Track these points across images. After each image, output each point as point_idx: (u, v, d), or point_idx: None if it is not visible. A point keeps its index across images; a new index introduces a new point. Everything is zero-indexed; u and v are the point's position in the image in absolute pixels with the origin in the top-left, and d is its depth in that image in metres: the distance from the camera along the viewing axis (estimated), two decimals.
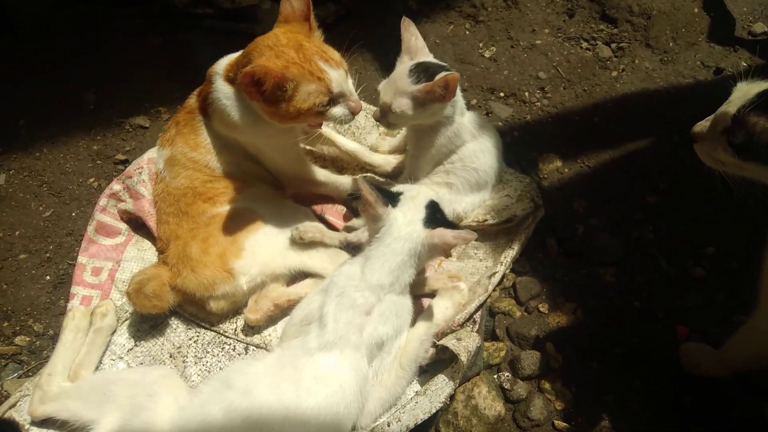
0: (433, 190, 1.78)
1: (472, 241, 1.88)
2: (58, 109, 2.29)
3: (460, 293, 1.70)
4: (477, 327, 1.67)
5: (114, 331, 1.72)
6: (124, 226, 1.94)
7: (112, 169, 2.17)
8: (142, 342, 1.73)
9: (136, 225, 1.95)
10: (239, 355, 1.72)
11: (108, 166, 2.18)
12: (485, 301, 1.74)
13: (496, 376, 1.70)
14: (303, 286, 1.74)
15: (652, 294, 1.82)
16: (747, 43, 2.45)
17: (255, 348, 1.72)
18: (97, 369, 1.65)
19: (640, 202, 2.03)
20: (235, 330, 1.75)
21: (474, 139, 1.81)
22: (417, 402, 1.50)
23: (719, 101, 1.28)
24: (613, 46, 2.47)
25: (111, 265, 1.87)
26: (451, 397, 1.57)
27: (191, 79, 1.87)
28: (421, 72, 1.64)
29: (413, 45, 1.68)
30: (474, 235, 1.46)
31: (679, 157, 2.11)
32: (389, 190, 1.57)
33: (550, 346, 1.73)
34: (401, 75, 1.65)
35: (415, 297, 1.63)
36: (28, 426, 1.54)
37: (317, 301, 1.50)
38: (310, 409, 1.32)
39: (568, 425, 1.60)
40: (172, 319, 1.77)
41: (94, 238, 1.89)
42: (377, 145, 2.09)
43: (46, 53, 2.46)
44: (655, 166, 2.11)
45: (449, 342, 1.55)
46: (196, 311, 1.76)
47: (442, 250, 1.52)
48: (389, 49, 2.50)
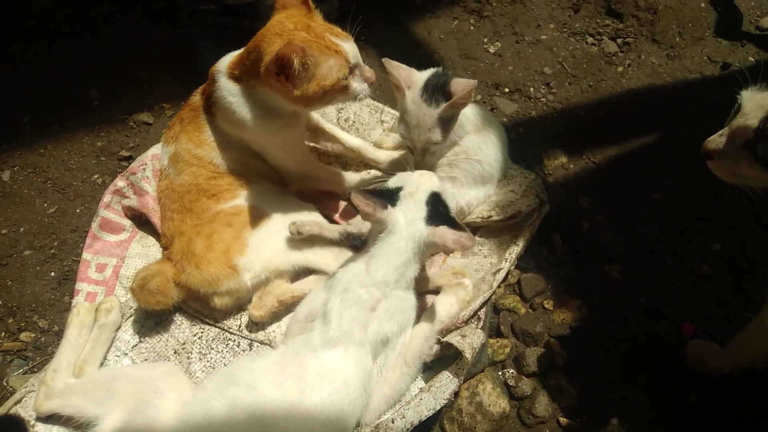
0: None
1: (477, 238, 1.89)
2: (61, 106, 2.29)
3: (465, 290, 1.69)
4: (481, 324, 1.67)
5: (118, 328, 1.73)
6: (128, 223, 1.94)
7: (116, 166, 2.17)
8: (147, 338, 1.73)
9: (141, 221, 1.95)
10: (243, 351, 1.72)
11: (112, 163, 2.18)
12: (490, 297, 1.73)
13: (500, 373, 1.69)
14: (307, 283, 1.74)
15: (658, 291, 1.81)
16: (754, 38, 2.43)
17: (259, 344, 1.72)
18: (101, 365, 1.65)
19: (646, 198, 2.01)
20: (240, 326, 1.76)
21: (477, 131, 1.80)
22: (421, 399, 1.50)
23: (726, 97, 1.27)
24: (619, 41, 2.46)
25: (115, 261, 1.87)
26: (456, 393, 1.57)
27: (195, 75, 1.86)
28: (431, 94, 1.63)
29: (405, 76, 1.66)
30: (473, 243, 1.45)
31: (685, 153, 2.10)
32: (387, 188, 1.55)
33: (554, 343, 1.72)
34: (420, 110, 1.63)
35: (420, 294, 1.63)
36: (33, 422, 1.55)
37: (321, 298, 1.50)
38: (314, 405, 1.32)
39: (573, 422, 1.60)
40: (177, 315, 1.77)
41: (98, 235, 1.89)
42: (381, 142, 2.08)
43: (49, 50, 2.46)
44: (661, 162, 2.09)
45: (454, 339, 1.55)
46: (200, 307, 1.76)
47: (441, 249, 1.51)
48: (393, 44, 2.50)
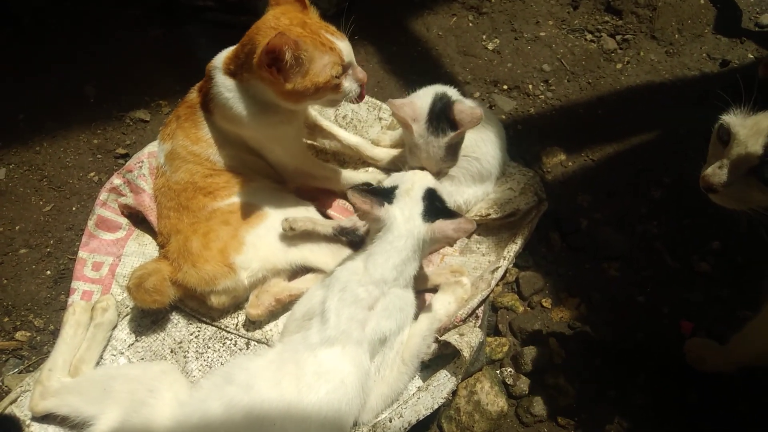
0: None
1: (475, 236, 1.88)
2: (58, 103, 2.28)
3: (463, 288, 1.68)
4: (480, 322, 1.66)
5: (115, 326, 1.72)
6: (124, 221, 1.93)
7: (112, 163, 2.16)
8: (143, 337, 1.72)
9: (137, 219, 1.94)
10: (240, 350, 1.71)
11: (108, 160, 2.17)
12: (488, 296, 1.72)
13: (498, 372, 1.69)
14: (305, 281, 1.73)
15: (657, 289, 1.81)
16: (754, 35, 2.42)
17: (256, 343, 1.72)
18: (97, 364, 1.64)
19: (645, 196, 2.01)
20: (237, 325, 1.75)
21: (475, 130, 1.79)
22: (419, 397, 1.50)
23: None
24: (618, 38, 2.45)
25: (112, 259, 1.86)
26: (454, 392, 1.56)
27: (192, 72, 1.85)
28: (437, 124, 1.65)
29: (410, 112, 1.66)
30: (473, 224, 1.46)
31: (685, 151, 2.09)
32: (383, 188, 1.55)
33: (553, 342, 1.71)
34: (429, 143, 1.66)
35: (418, 292, 1.62)
36: (29, 421, 1.54)
37: (319, 296, 1.49)
38: (312, 404, 1.31)
39: (571, 421, 1.59)
40: (173, 314, 1.76)
41: (94, 233, 1.88)
42: (379, 139, 2.07)
43: (45, 47, 2.45)
44: (660, 159, 2.08)
45: (452, 337, 1.54)
46: (197, 306, 1.75)
47: (444, 243, 1.51)
48: (392, 41, 2.49)
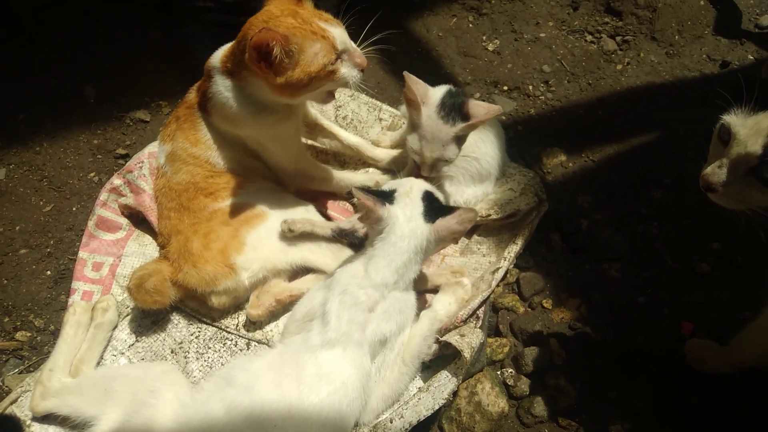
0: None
1: (476, 237, 1.88)
2: (58, 103, 2.28)
3: (464, 289, 1.68)
4: (480, 323, 1.66)
5: (115, 327, 1.71)
6: (124, 221, 1.93)
7: (112, 164, 2.16)
8: (144, 337, 1.72)
9: (137, 220, 1.94)
10: (241, 350, 1.71)
11: (108, 161, 2.17)
12: (489, 296, 1.72)
13: (499, 373, 1.69)
14: (305, 282, 1.73)
15: (657, 290, 1.81)
16: (754, 36, 2.42)
17: (257, 343, 1.72)
18: (98, 364, 1.64)
19: (645, 196, 2.01)
20: (237, 325, 1.75)
21: (475, 130, 1.79)
22: (420, 398, 1.50)
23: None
24: (618, 39, 2.45)
25: (112, 260, 1.86)
26: (454, 393, 1.56)
27: (192, 72, 1.85)
28: (448, 112, 1.62)
29: (422, 91, 1.64)
30: (474, 211, 1.45)
31: (685, 152, 2.09)
32: (382, 190, 1.55)
33: (554, 342, 1.71)
34: (436, 126, 1.62)
35: (418, 293, 1.62)
36: (29, 422, 1.54)
37: (319, 298, 1.49)
38: (313, 406, 1.31)
39: (572, 422, 1.59)
40: (174, 314, 1.76)
41: (94, 233, 1.88)
42: (379, 140, 2.07)
43: (45, 47, 2.44)
44: (660, 160, 2.09)
45: (452, 338, 1.54)
46: (197, 306, 1.75)
47: (451, 239, 1.50)
48: (392, 42, 2.47)
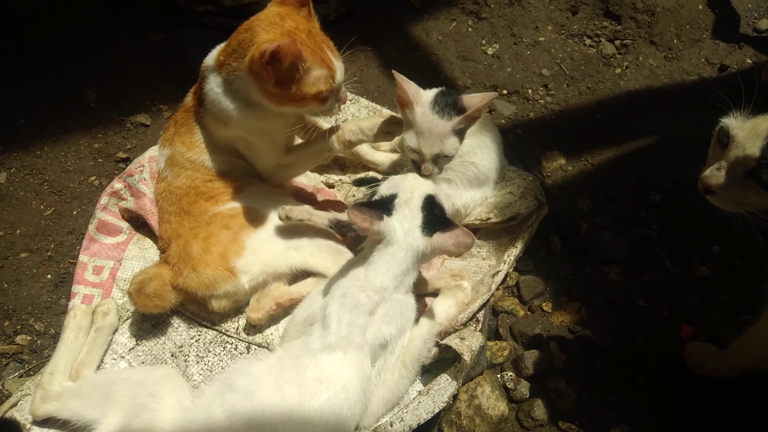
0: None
1: (475, 240, 1.88)
2: (58, 107, 2.29)
3: (463, 292, 1.69)
4: (480, 326, 1.67)
5: (115, 330, 1.72)
6: (125, 225, 1.94)
7: (113, 168, 2.16)
8: (144, 341, 1.72)
9: (138, 223, 1.94)
10: (241, 354, 1.71)
11: (109, 165, 2.17)
12: (488, 299, 1.73)
13: (499, 376, 1.69)
14: (305, 285, 1.73)
15: (657, 293, 1.81)
16: (752, 40, 2.43)
17: (257, 347, 1.72)
18: (98, 368, 1.64)
19: (645, 200, 2.01)
20: (237, 329, 1.75)
21: (472, 134, 1.79)
22: (420, 402, 1.50)
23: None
24: (617, 43, 2.46)
25: (112, 263, 1.86)
26: (455, 396, 1.56)
27: (192, 76, 1.85)
28: (443, 107, 1.62)
29: (413, 91, 1.64)
30: (472, 237, 1.44)
31: (684, 155, 2.10)
32: (381, 198, 1.53)
33: (553, 346, 1.72)
34: (432, 121, 1.61)
35: (418, 296, 1.62)
36: (29, 425, 1.54)
37: (320, 302, 1.49)
38: (313, 410, 1.31)
39: (572, 425, 1.59)
40: (174, 318, 1.76)
41: (95, 237, 1.88)
42: (378, 144, 2.08)
43: (46, 50, 2.45)
44: (659, 164, 2.09)
45: (452, 341, 1.55)
46: (197, 310, 1.75)
47: (445, 254, 1.51)
48: (392, 46, 2.50)
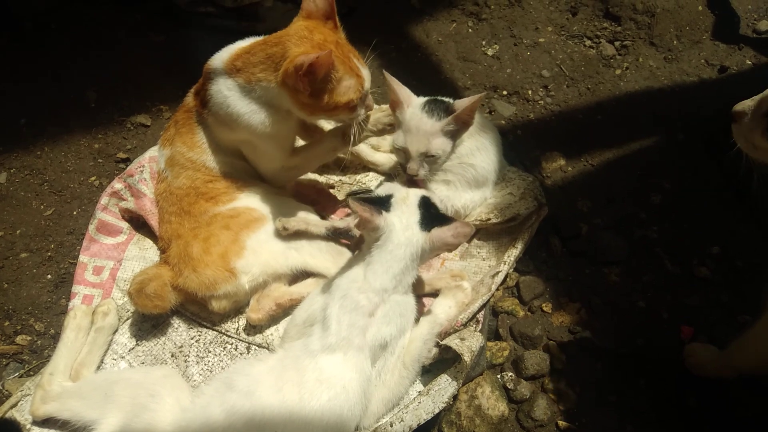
0: (431, 188, 1.78)
1: (475, 240, 1.89)
2: (59, 107, 2.29)
3: (464, 292, 1.69)
4: (480, 327, 1.67)
5: (115, 331, 1.71)
6: (125, 225, 1.94)
7: (113, 168, 2.16)
8: (144, 341, 1.72)
9: (138, 224, 1.94)
10: (241, 354, 1.71)
11: (109, 165, 2.18)
12: (488, 300, 1.73)
13: (499, 376, 1.69)
14: (305, 286, 1.73)
15: (657, 294, 1.81)
16: (752, 41, 2.44)
17: (257, 347, 1.72)
18: (98, 368, 1.64)
19: (645, 201, 2.02)
20: (237, 329, 1.75)
21: (470, 136, 1.80)
22: (420, 402, 1.50)
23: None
24: (617, 44, 2.46)
25: (112, 264, 1.86)
26: (455, 397, 1.56)
27: (193, 77, 1.85)
28: (433, 109, 1.63)
29: (404, 93, 1.67)
30: (471, 227, 1.46)
31: (684, 156, 2.10)
32: (378, 197, 1.55)
33: (553, 346, 1.72)
34: (421, 119, 1.63)
35: (418, 296, 1.62)
36: (29, 426, 1.53)
37: (320, 303, 1.49)
38: (314, 411, 1.31)
39: (572, 426, 1.59)
40: (174, 318, 1.76)
41: (95, 237, 1.88)
42: (379, 144, 2.08)
43: (47, 51, 2.45)
44: (659, 165, 2.10)
45: (452, 342, 1.55)
46: (197, 310, 1.75)
47: (444, 249, 1.51)
48: (392, 47, 2.50)
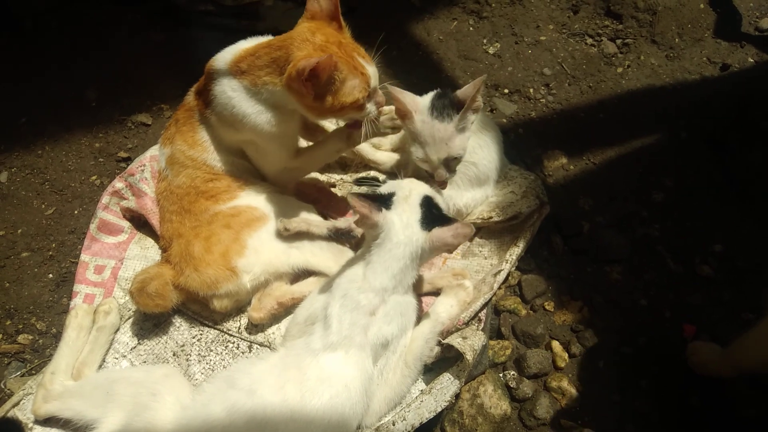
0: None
1: (477, 239, 1.88)
2: (59, 106, 2.28)
3: (465, 291, 1.68)
4: (482, 325, 1.66)
5: (117, 330, 1.71)
6: (126, 224, 1.93)
7: (114, 167, 2.16)
8: (146, 340, 1.72)
9: (139, 223, 1.94)
10: (243, 353, 1.71)
11: (110, 164, 2.17)
12: (490, 299, 1.72)
13: (501, 375, 1.68)
14: (307, 285, 1.73)
15: (659, 292, 1.81)
16: (754, 39, 2.43)
17: (259, 346, 1.71)
18: (100, 367, 1.64)
19: (647, 199, 2.01)
20: (239, 328, 1.75)
21: (472, 135, 1.79)
22: (422, 401, 1.49)
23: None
24: (619, 42, 2.46)
25: (114, 263, 1.86)
26: (457, 395, 1.56)
27: (193, 76, 1.85)
28: (441, 111, 1.62)
29: (410, 101, 1.65)
30: (471, 228, 1.45)
31: (686, 154, 2.10)
32: (380, 194, 1.54)
33: (556, 345, 1.72)
34: (434, 127, 1.62)
35: (420, 295, 1.62)
36: (31, 425, 1.53)
37: (321, 301, 1.49)
38: (315, 410, 1.31)
39: (574, 424, 1.59)
40: (176, 317, 1.76)
41: (96, 236, 1.88)
42: (380, 143, 2.07)
43: (47, 50, 2.45)
44: (661, 163, 2.09)
45: (454, 340, 1.54)
46: (199, 310, 1.75)
47: (444, 250, 1.51)
48: (392, 45, 2.49)
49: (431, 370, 1.60)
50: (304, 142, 1.93)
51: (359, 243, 1.74)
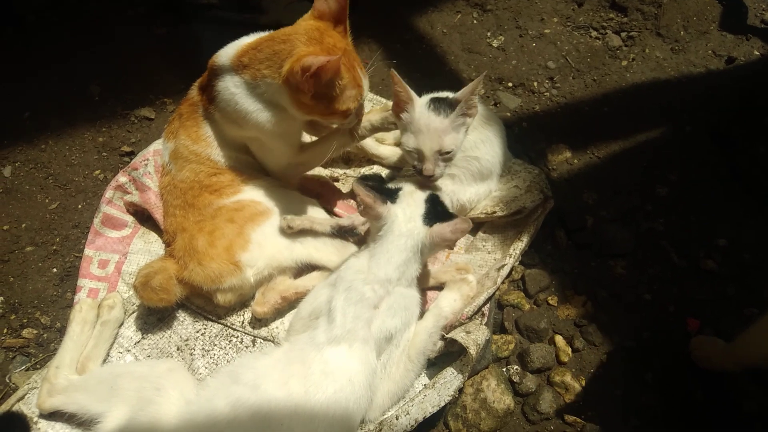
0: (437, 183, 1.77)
1: (481, 234, 1.88)
2: (63, 101, 2.28)
3: (469, 285, 1.68)
4: (486, 320, 1.66)
5: (121, 324, 1.72)
6: (130, 219, 1.94)
7: (117, 161, 2.16)
8: (150, 334, 1.73)
9: (143, 217, 1.94)
10: (246, 347, 1.71)
11: (114, 158, 2.17)
12: (494, 293, 1.72)
13: (505, 369, 1.69)
14: (310, 279, 1.73)
15: (663, 286, 1.81)
16: (759, 32, 2.41)
17: (262, 340, 1.72)
18: (104, 362, 1.65)
19: (651, 193, 2.01)
20: (243, 322, 1.75)
21: (474, 129, 1.79)
22: (426, 395, 1.50)
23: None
24: (623, 35, 2.44)
25: (118, 257, 1.86)
26: (460, 390, 1.57)
27: (196, 69, 1.85)
28: (438, 107, 1.61)
29: (409, 92, 1.63)
30: (470, 223, 1.45)
31: (691, 148, 2.09)
32: (388, 188, 1.55)
33: (559, 339, 1.72)
34: (429, 117, 1.61)
35: (424, 290, 1.62)
36: (36, 418, 1.54)
37: (325, 295, 1.49)
38: (319, 404, 1.32)
39: (578, 419, 1.59)
40: (180, 311, 1.77)
41: (100, 231, 1.89)
42: (383, 137, 2.07)
43: (50, 45, 2.45)
44: (665, 156, 2.08)
45: (458, 335, 1.54)
46: (203, 304, 1.76)
47: (444, 246, 1.51)
48: (396, 38, 2.48)
49: (434, 365, 1.61)
50: (307, 137, 1.92)
51: (362, 240, 1.74)
